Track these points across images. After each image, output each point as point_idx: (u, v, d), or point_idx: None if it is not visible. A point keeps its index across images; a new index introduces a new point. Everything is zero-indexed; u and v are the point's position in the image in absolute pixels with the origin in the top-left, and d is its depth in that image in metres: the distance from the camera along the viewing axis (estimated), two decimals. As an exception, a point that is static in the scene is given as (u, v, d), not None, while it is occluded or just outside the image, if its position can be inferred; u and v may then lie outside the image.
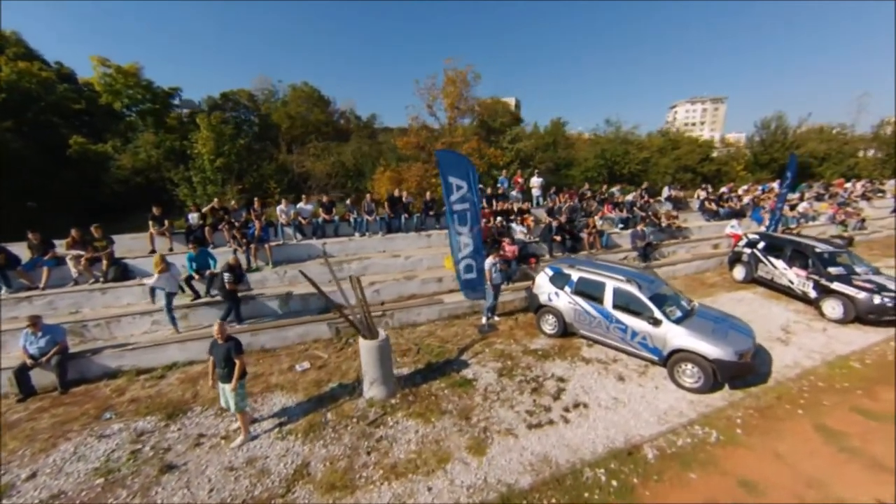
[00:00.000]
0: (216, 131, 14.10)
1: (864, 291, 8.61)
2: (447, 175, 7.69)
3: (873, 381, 6.79)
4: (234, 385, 4.90)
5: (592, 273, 7.56)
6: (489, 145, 15.30)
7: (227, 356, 4.88)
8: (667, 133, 23.79)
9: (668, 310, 6.74)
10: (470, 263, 8.27)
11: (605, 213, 13.50)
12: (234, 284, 7.84)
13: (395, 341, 8.13)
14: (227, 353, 4.87)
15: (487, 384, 6.60)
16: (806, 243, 10.27)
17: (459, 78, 14.57)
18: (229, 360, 4.89)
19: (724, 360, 5.95)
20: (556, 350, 7.68)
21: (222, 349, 4.89)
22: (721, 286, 11.42)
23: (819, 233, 16.79)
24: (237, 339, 5.07)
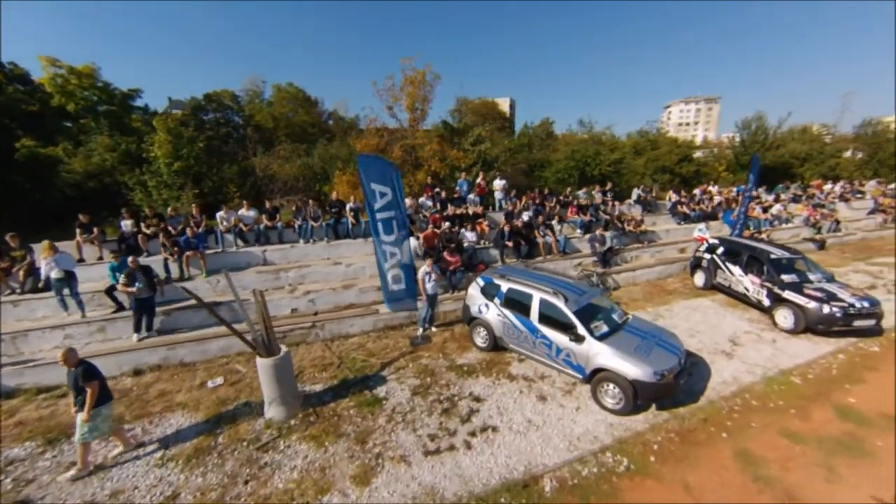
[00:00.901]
0: (174, 134, 13.69)
1: (813, 301, 8.09)
2: (369, 182, 7.24)
3: (810, 398, 6.29)
4: (86, 415, 4.43)
5: (521, 284, 7.07)
6: (453, 147, 14.83)
7: (75, 383, 4.43)
8: (646, 133, 23.21)
9: (595, 325, 6.25)
10: (398, 274, 7.82)
11: (569, 217, 12.99)
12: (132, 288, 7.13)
13: (320, 355, 7.70)
14: (76, 379, 4.42)
15: (397, 404, 6.15)
16: (762, 249, 9.74)
17: (418, 78, 14.12)
18: (80, 388, 4.44)
19: (642, 380, 5.46)
20: (483, 365, 7.21)
21: (71, 376, 4.45)
22: (680, 293, 10.91)
23: (792, 236, 16.28)
24: (88, 364, 4.61)
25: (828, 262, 14.21)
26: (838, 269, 13.14)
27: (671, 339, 6.26)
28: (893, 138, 24.62)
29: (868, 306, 7.90)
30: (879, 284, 11.55)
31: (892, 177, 23.17)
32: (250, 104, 33.17)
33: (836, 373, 7.06)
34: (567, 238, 11.96)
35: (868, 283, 11.60)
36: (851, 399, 6.28)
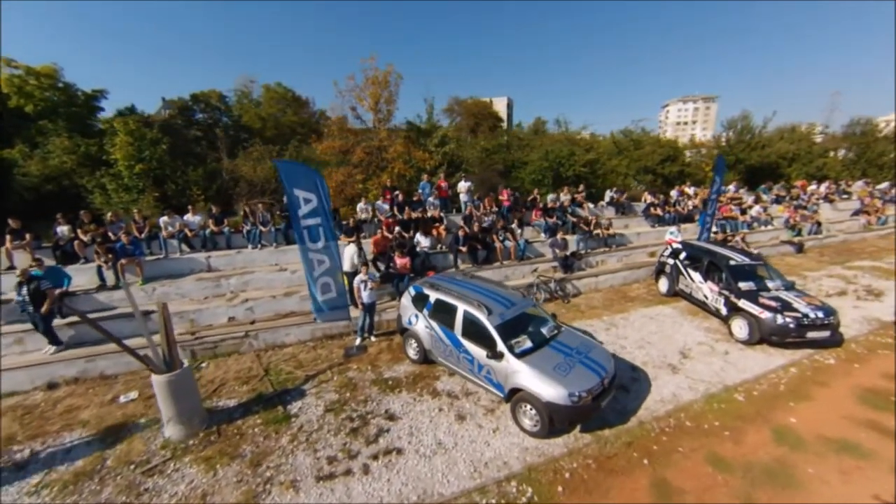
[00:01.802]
0: (135, 135, 13.33)
1: (767, 310, 7.58)
2: (292, 188, 6.82)
3: (749, 418, 5.81)
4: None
5: (448, 295, 6.62)
6: (419, 148, 14.36)
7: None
8: (630, 133, 22.58)
9: (518, 340, 5.80)
10: (327, 282, 7.42)
11: (533, 220, 12.50)
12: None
13: (248, 366, 7.31)
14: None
15: (307, 421, 5.74)
16: (722, 254, 9.22)
17: (381, 78, 13.65)
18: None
19: (555, 403, 5.01)
20: (410, 380, 6.79)
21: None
22: (642, 300, 10.40)
23: (771, 238, 15.69)
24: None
25: (804, 265, 13.68)
26: (812, 273, 12.63)
27: (598, 356, 5.79)
28: (881, 138, 23.85)
29: (822, 316, 7.38)
30: (850, 290, 10.98)
31: (880, 177, 22.43)
32: (239, 104, 32.94)
33: (784, 389, 6.56)
34: (528, 242, 11.50)
35: (839, 289, 11.04)
36: (792, 419, 5.79)
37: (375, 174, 13.57)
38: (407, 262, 9.56)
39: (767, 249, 14.75)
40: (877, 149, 23.53)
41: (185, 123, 29.06)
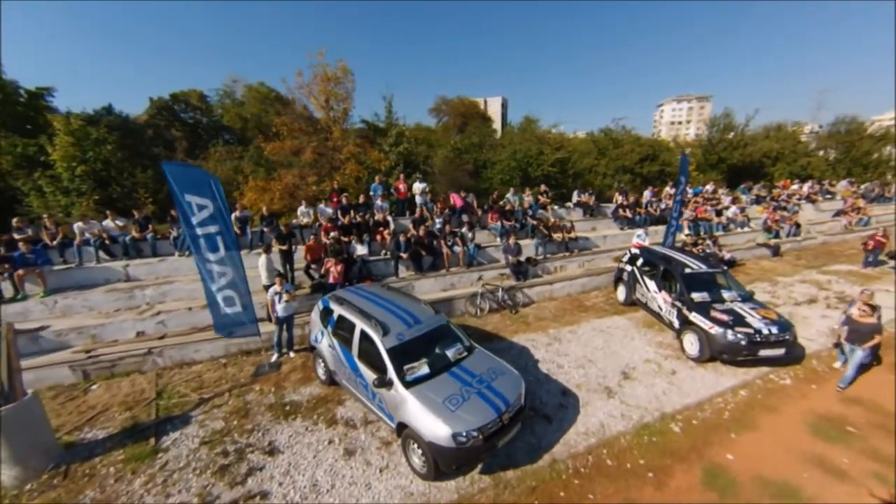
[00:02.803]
0: (78, 135, 12.57)
1: (718, 325, 6.79)
2: (183, 193, 6.07)
3: (681, 454, 5.02)
4: None
5: (351, 310, 5.84)
6: (375, 148, 13.57)
7: None
8: (609, 132, 21.74)
9: (414, 365, 5.02)
10: (230, 295, 6.66)
11: (490, 223, 11.72)
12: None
13: (142, 388, 6.54)
14: None
15: (175, 457, 4.99)
16: (678, 261, 8.42)
17: (332, 75, 12.85)
18: None
19: (437, 444, 4.24)
20: (311, 404, 6.03)
21: None
22: (598, 310, 9.59)
23: (747, 241, 14.87)
24: None
25: (778, 269, 12.88)
26: (785, 279, 11.82)
27: (503, 385, 4.98)
28: (867, 136, 22.87)
29: (777, 332, 6.58)
30: (822, 298, 10.17)
31: (865, 176, 21.54)
32: (220, 104, 32.11)
33: (728, 416, 5.78)
34: (480, 247, 10.71)
35: (809, 296, 10.23)
36: (730, 456, 5.01)
37: (329, 175, 12.81)
38: (339, 271, 8.80)
39: (742, 253, 13.95)
40: (862, 147, 22.63)
41: (165, 123, 28.41)
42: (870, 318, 6.21)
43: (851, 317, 6.41)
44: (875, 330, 6.16)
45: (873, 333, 6.13)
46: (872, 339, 6.12)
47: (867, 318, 6.21)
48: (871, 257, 12.22)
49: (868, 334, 6.16)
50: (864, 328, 6.22)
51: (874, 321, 6.19)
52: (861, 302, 6.49)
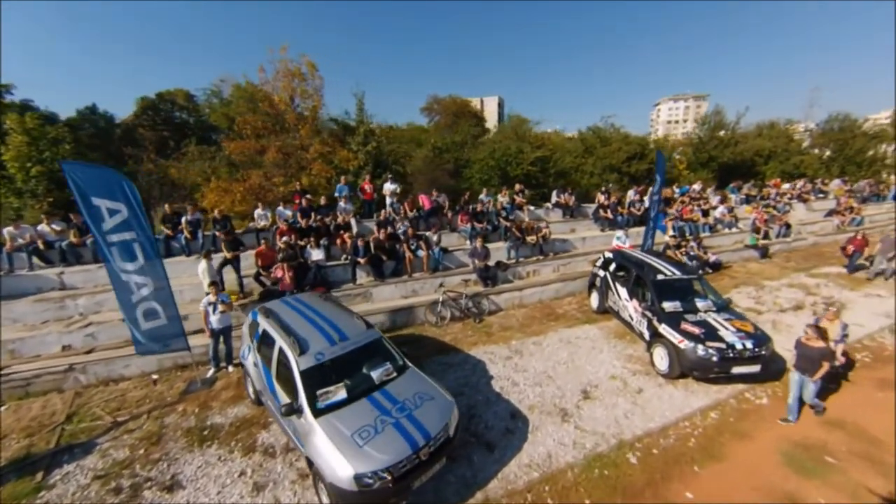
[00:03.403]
0: (34, 134, 11.95)
1: (688, 338, 6.14)
2: (90, 196, 5.41)
3: (634, 491, 4.39)
4: None
5: (276, 324, 5.21)
6: (344, 147, 12.92)
7: None
8: (598, 130, 21.06)
9: (330, 389, 4.38)
10: (152, 308, 6.03)
11: (460, 225, 11.07)
12: None
13: (55, 409, 5.93)
14: None
15: (60, 494, 4.36)
16: (651, 266, 7.77)
17: (295, 70, 12.21)
18: None
19: (337, 486, 3.61)
20: (233, 428, 5.40)
21: None
22: (569, 318, 8.93)
23: (735, 242, 14.19)
24: None
25: (765, 272, 12.21)
26: (772, 283, 11.16)
27: (428, 414, 4.31)
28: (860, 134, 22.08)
29: (751, 347, 5.93)
30: (808, 303, 9.51)
31: (858, 175, 20.82)
32: (207, 103, 31.47)
33: (694, 444, 5.13)
34: (446, 251, 10.07)
35: (795, 302, 9.57)
36: (689, 494, 4.37)
37: (296, 176, 12.20)
38: (290, 277, 8.17)
39: (728, 255, 13.29)
40: (855, 145, 21.90)
41: (150, 123, 27.81)
42: (816, 343, 5.16)
43: (800, 339, 5.42)
44: (822, 356, 5.11)
45: (821, 360, 5.11)
46: (821, 368, 5.09)
47: (814, 342, 5.16)
48: (853, 261, 11.42)
49: (816, 361, 5.13)
50: (811, 353, 5.19)
51: (821, 345, 5.14)
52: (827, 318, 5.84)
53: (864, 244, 11.16)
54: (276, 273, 8.32)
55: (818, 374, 5.17)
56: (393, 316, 8.50)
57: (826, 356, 5.18)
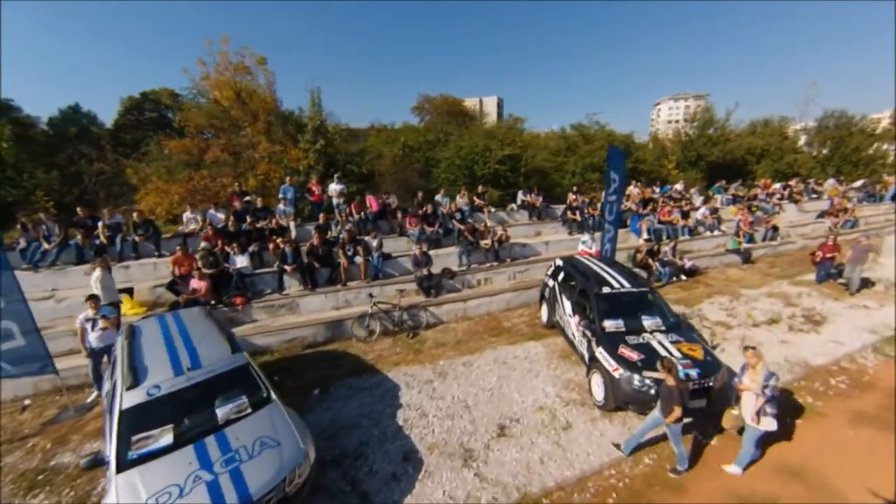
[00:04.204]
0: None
1: (623, 366, 5.15)
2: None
3: (515, 577, 3.45)
4: None
5: (125, 350, 4.36)
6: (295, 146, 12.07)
7: None
8: (580, 127, 19.95)
9: (153, 433, 3.52)
10: (6, 328, 5.21)
11: (409, 228, 10.13)
12: None
13: None
14: None
15: None
16: (597, 277, 6.77)
17: (238, 65, 11.38)
18: None
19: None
20: (75, 472, 4.51)
21: None
22: (514, 334, 7.92)
23: (716, 245, 13.09)
24: None
25: (745, 280, 11.10)
26: (750, 291, 10.06)
27: (259, 468, 3.39)
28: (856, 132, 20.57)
29: (697, 377, 4.91)
30: (786, 317, 8.43)
31: (855, 174, 19.41)
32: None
33: (615, 501, 4.17)
34: (389, 257, 9.15)
35: (772, 315, 8.48)
36: (588, 577, 3.42)
37: (244, 176, 11.38)
38: (203, 287, 7.33)
39: (708, 260, 12.19)
40: (851, 144, 20.48)
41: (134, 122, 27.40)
42: (669, 380, 4.16)
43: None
44: (671, 397, 4.09)
45: (671, 402, 4.09)
46: (672, 412, 4.08)
47: (670, 380, 4.16)
48: (823, 270, 10.12)
49: (666, 402, 4.17)
50: (662, 392, 4.27)
51: (672, 384, 4.13)
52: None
53: (836, 250, 9.85)
54: (193, 282, 7.50)
55: (669, 418, 4.12)
56: (318, 330, 7.62)
57: (675, 398, 4.05)
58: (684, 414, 4.21)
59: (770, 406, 4.13)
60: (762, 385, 4.11)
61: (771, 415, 4.14)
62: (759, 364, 4.22)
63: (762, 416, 4.15)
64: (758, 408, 4.16)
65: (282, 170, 11.26)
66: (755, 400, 4.18)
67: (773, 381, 4.10)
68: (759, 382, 4.13)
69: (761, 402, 4.13)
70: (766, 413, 4.13)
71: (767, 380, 4.10)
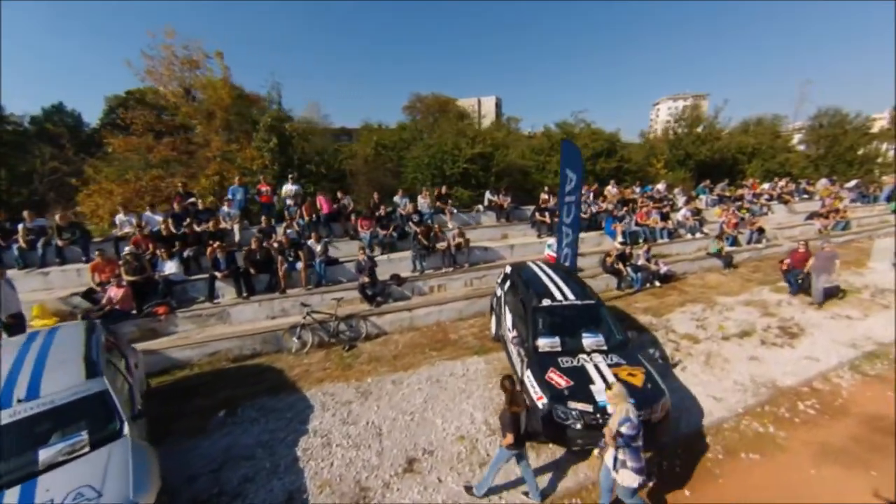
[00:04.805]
0: None
1: (548, 394, 4.44)
2: None
3: None
4: None
5: None
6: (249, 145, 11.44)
7: None
8: (564, 125, 19.18)
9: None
10: None
11: (361, 231, 9.47)
12: None
13: None
14: None
15: None
16: (542, 284, 6.06)
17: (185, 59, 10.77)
18: None
19: None
20: None
21: None
22: (458, 347, 7.20)
23: (697, 249, 12.30)
24: None
25: (724, 286, 10.31)
26: (727, 299, 9.29)
27: None
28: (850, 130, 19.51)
29: (629, 412, 4.20)
30: (760, 328, 7.66)
31: (849, 174, 18.43)
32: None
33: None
34: (336, 262, 8.50)
35: (745, 327, 7.71)
36: None
37: (195, 177, 10.78)
38: (120, 295, 6.72)
39: (688, 264, 11.41)
40: (845, 142, 19.45)
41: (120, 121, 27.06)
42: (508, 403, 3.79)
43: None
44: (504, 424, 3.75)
45: (504, 430, 3.73)
46: (506, 437, 3.70)
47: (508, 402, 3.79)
48: (792, 278, 9.09)
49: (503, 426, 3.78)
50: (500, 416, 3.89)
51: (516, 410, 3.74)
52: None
53: (807, 258, 8.82)
54: (111, 291, 6.89)
55: (504, 441, 3.69)
56: (246, 342, 6.98)
57: (506, 425, 3.65)
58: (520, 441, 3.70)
59: (630, 457, 3.31)
60: (615, 431, 3.32)
61: (632, 469, 3.31)
62: (620, 405, 3.40)
63: (619, 468, 3.36)
64: (613, 458, 3.40)
65: (236, 170, 10.64)
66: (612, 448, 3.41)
67: (626, 428, 3.27)
68: (614, 428, 3.35)
69: (619, 451, 3.35)
70: (626, 465, 3.32)
71: (622, 425, 3.29)
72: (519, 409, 3.74)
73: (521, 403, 3.83)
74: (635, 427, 3.29)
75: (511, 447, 3.67)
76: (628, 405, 3.39)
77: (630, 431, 3.27)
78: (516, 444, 3.67)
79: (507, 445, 3.66)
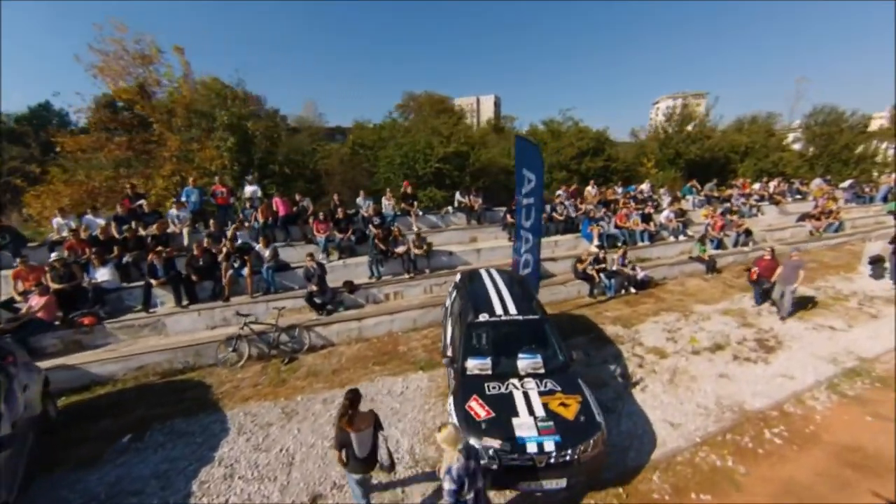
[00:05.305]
0: None
1: (466, 426, 3.85)
2: None
3: None
4: None
5: None
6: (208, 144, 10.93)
7: None
8: (551, 123, 18.52)
9: None
10: None
11: (317, 234, 8.92)
12: None
13: None
14: None
15: None
16: (481, 296, 5.47)
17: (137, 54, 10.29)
18: None
19: None
20: None
21: None
22: (404, 361, 6.60)
23: (680, 252, 11.63)
24: None
25: (704, 293, 9.67)
26: (704, 307, 8.66)
27: None
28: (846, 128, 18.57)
29: (554, 449, 3.59)
30: (735, 340, 7.03)
31: (845, 173, 17.58)
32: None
33: None
34: (284, 268, 7.97)
35: (718, 339, 7.08)
36: None
37: (151, 178, 10.31)
38: (41, 304, 6.24)
39: (669, 269, 10.77)
40: (841, 141, 18.57)
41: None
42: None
43: None
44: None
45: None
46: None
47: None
48: (759, 289, 8.38)
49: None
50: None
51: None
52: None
53: (774, 267, 8.05)
54: (33, 299, 6.42)
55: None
56: (177, 354, 6.46)
57: (336, 442, 3.30)
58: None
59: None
60: (447, 472, 2.79)
61: None
62: (448, 452, 2.85)
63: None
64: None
65: (193, 170, 10.15)
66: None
67: (446, 482, 2.77)
68: (441, 473, 2.84)
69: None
70: None
71: (447, 472, 2.78)
72: (351, 429, 3.19)
73: (357, 423, 3.25)
74: (455, 481, 2.71)
75: (347, 468, 3.24)
76: (457, 453, 2.81)
77: (449, 486, 2.71)
78: (348, 467, 3.24)
79: (341, 464, 3.26)
